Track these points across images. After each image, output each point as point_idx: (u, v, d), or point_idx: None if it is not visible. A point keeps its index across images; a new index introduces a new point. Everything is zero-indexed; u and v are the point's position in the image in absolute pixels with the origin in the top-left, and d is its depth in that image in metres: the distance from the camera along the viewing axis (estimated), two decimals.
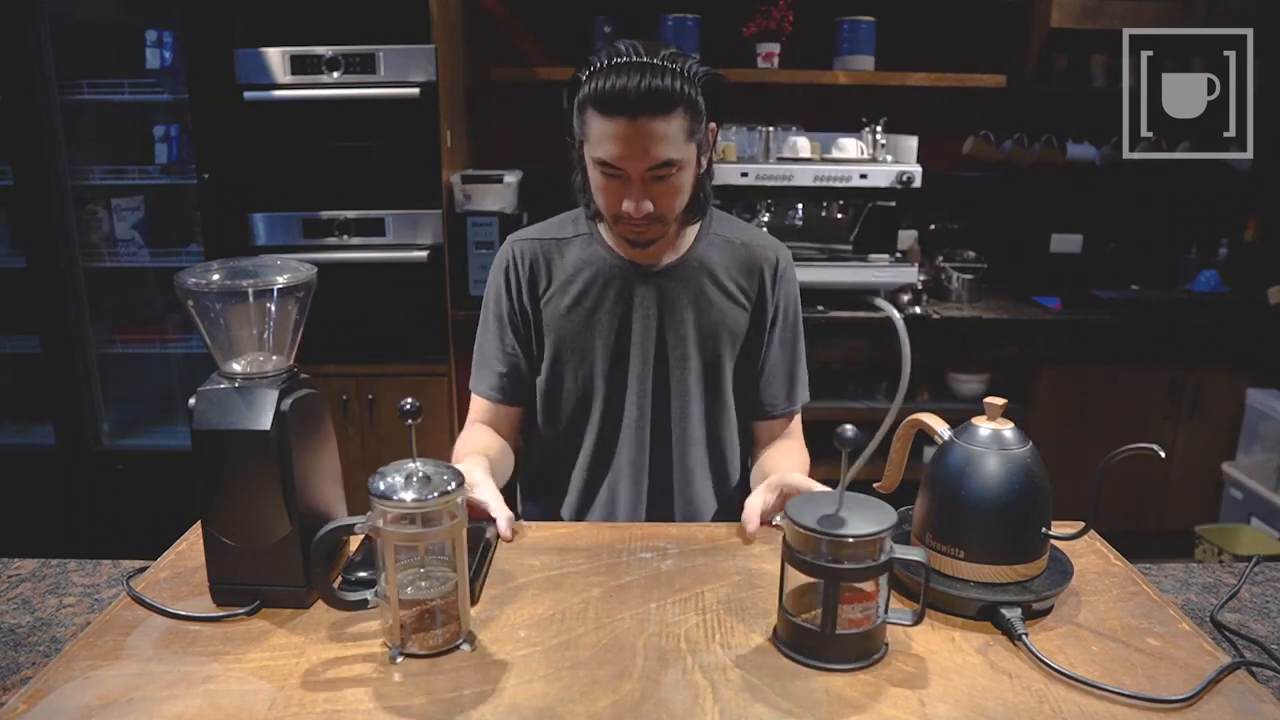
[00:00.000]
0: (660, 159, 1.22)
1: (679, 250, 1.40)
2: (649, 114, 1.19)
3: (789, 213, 3.01)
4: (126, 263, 2.89)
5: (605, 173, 1.25)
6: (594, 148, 1.24)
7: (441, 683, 0.87)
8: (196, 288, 0.94)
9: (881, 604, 0.90)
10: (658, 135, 1.21)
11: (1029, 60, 3.11)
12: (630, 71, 1.18)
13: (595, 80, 1.20)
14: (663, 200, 1.27)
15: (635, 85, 1.17)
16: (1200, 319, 3.07)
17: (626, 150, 1.21)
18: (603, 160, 1.24)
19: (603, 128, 1.21)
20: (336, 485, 1.07)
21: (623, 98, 1.18)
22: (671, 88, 1.19)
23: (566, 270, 1.40)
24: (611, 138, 1.21)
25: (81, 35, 2.80)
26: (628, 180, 1.25)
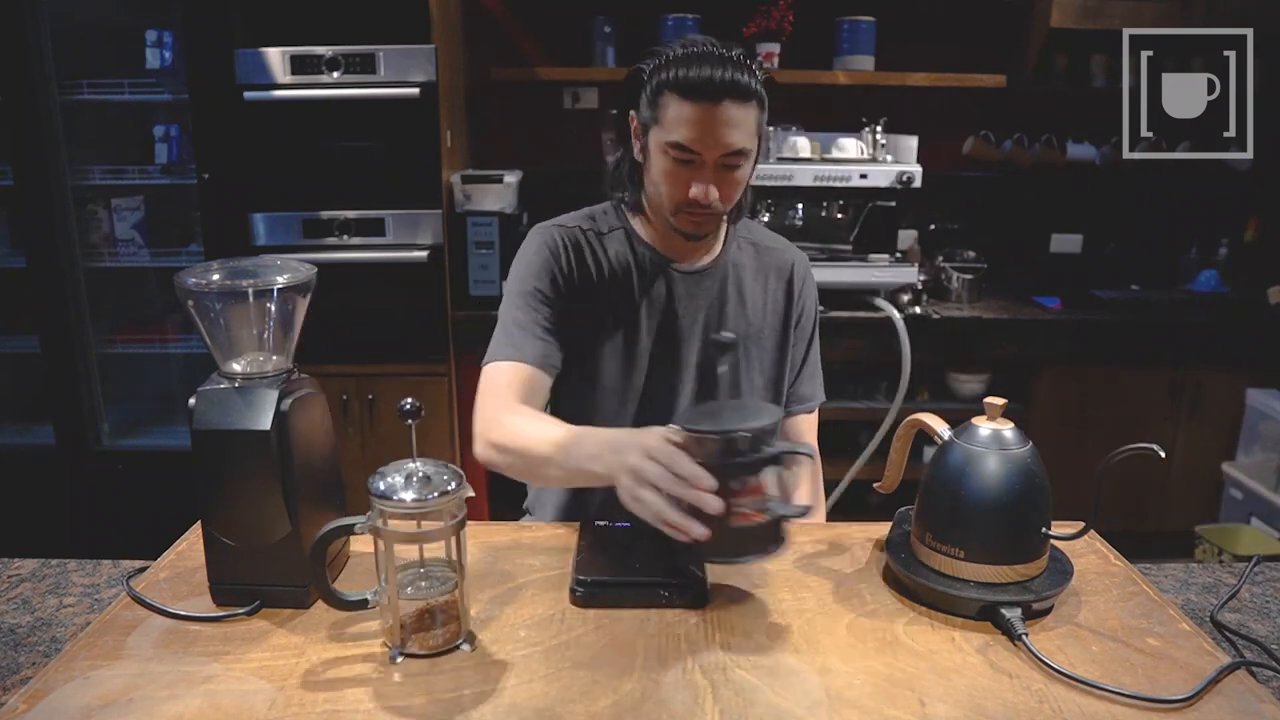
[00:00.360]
0: (735, 146, 1.24)
1: (712, 253, 1.41)
2: (730, 100, 1.22)
3: (789, 213, 3.01)
4: (126, 263, 2.89)
5: (679, 158, 1.26)
6: (670, 131, 1.25)
7: (441, 683, 0.87)
8: (196, 288, 0.94)
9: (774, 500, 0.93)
10: (736, 122, 1.23)
11: (1029, 60, 3.11)
12: (714, 61, 1.22)
13: (676, 67, 1.23)
14: (726, 190, 1.28)
15: (720, 74, 1.21)
16: (1200, 319, 3.08)
17: (707, 134, 1.23)
18: (679, 144, 1.24)
19: (684, 111, 1.23)
20: (336, 485, 1.07)
21: (710, 83, 1.21)
22: (749, 80, 1.23)
23: (605, 264, 1.38)
24: (691, 121, 1.23)
25: (81, 35, 2.80)
26: (700, 166, 1.26)
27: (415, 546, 0.95)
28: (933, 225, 3.37)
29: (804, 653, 0.92)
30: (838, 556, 1.13)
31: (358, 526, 0.89)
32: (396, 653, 0.90)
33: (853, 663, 0.90)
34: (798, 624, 0.97)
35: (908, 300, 3.01)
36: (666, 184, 1.29)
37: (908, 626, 0.97)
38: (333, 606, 0.92)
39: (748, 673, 0.88)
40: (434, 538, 0.90)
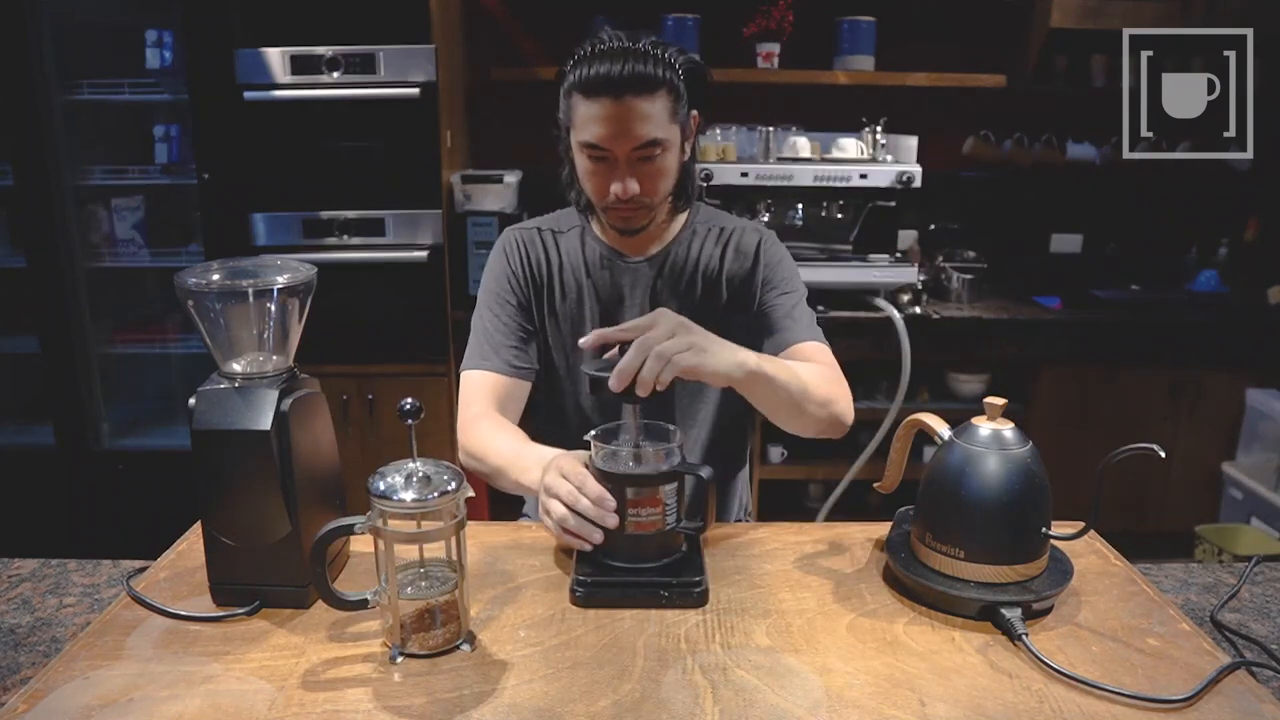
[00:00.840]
0: (645, 138, 1.25)
1: (664, 240, 1.42)
2: (632, 94, 1.23)
3: (789, 213, 3.01)
4: (126, 263, 2.89)
5: (592, 156, 1.28)
6: (580, 131, 1.27)
7: (441, 683, 0.87)
8: (196, 288, 0.94)
9: (670, 512, 1.03)
10: (641, 114, 1.24)
11: (1029, 60, 3.11)
12: (613, 56, 1.23)
13: (580, 67, 1.24)
14: (648, 182, 1.29)
15: (619, 68, 1.22)
16: (1200, 319, 3.08)
17: (612, 130, 1.24)
18: (589, 143, 1.26)
19: (588, 110, 1.24)
20: (336, 485, 1.07)
21: (607, 79, 1.22)
22: (653, 70, 1.23)
23: (560, 263, 1.42)
24: (597, 119, 1.24)
25: (81, 35, 2.80)
26: (614, 163, 1.27)
27: (415, 546, 0.95)
28: (933, 225, 3.37)
29: (804, 653, 0.92)
30: (838, 556, 1.13)
31: (358, 526, 0.89)
32: (396, 653, 0.90)
33: (853, 663, 0.90)
34: (798, 624, 0.97)
35: (908, 300, 3.01)
36: (588, 183, 1.31)
37: (908, 626, 0.97)
38: (333, 606, 0.92)
39: (748, 673, 0.88)
40: (434, 538, 0.90)
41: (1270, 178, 3.22)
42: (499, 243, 1.46)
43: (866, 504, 3.01)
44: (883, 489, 1.17)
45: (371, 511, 0.88)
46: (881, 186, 2.89)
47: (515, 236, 1.45)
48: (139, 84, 2.73)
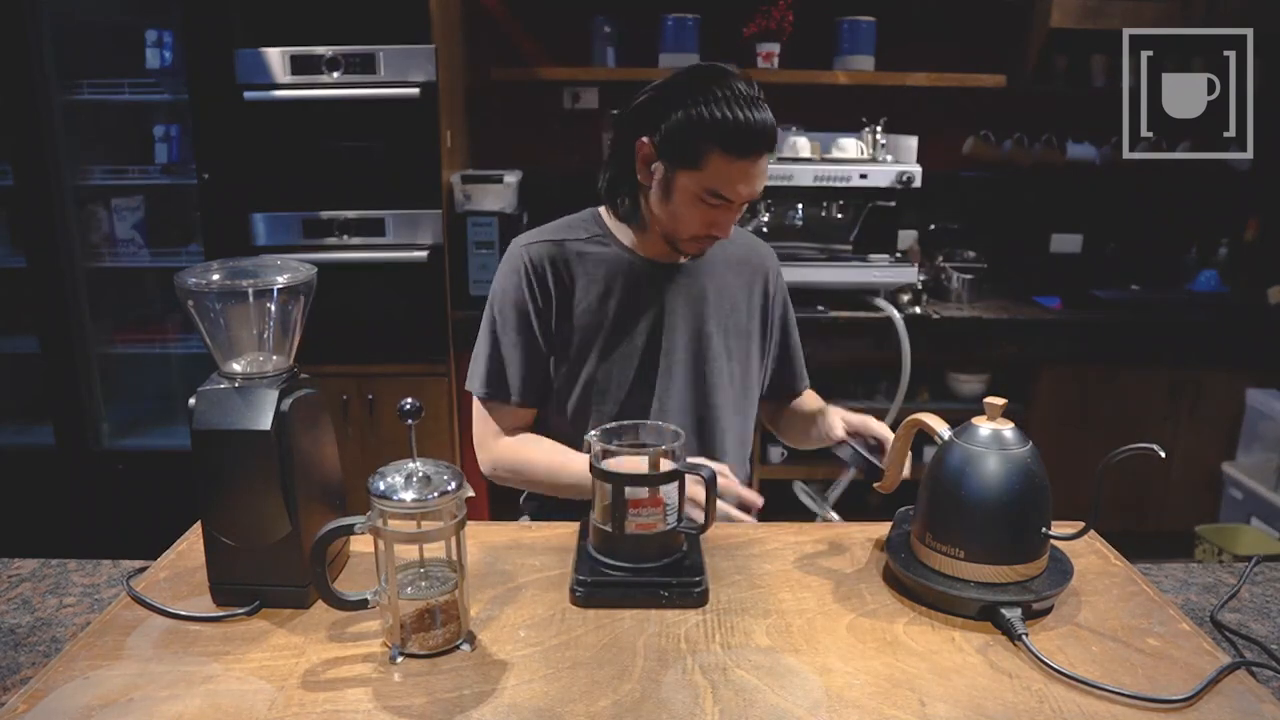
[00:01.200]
0: (761, 191, 1.31)
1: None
2: (769, 152, 1.28)
3: (789, 213, 3.01)
4: (126, 263, 2.89)
5: (712, 203, 1.29)
6: (710, 180, 1.27)
7: (441, 683, 0.87)
8: (196, 288, 0.94)
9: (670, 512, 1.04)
10: (765, 171, 1.30)
11: (1029, 60, 3.11)
12: (755, 109, 1.25)
13: (722, 110, 1.24)
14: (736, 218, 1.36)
15: (762, 126, 1.25)
16: (1200, 319, 3.08)
17: (749, 185, 1.28)
18: (717, 193, 1.27)
19: (729, 165, 1.26)
20: (336, 485, 1.07)
21: (759, 138, 1.25)
22: (775, 125, 1.28)
23: (588, 272, 1.41)
24: (740, 176, 1.27)
25: (81, 35, 2.80)
26: (729, 209, 1.31)
27: (415, 546, 0.95)
28: (933, 225, 3.37)
29: (804, 653, 0.92)
30: (838, 556, 1.13)
31: (358, 526, 0.89)
32: (396, 653, 0.90)
33: (853, 663, 0.90)
34: (798, 624, 0.97)
35: (908, 300, 3.01)
36: (692, 220, 1.32)
37: (908, 626, 0.97)
38: (332, 606, 0.92)
39: (748, 673, 0.88)
40: (434, 538, 0.90)
41: (1270, 178, 3.22)
42: (511, 260, 1.41)
43: (866, 504, 3.01)
44: (883, 489, 1.17)
45: (371, 511, 0.88)
46: (881, 186, 2.89)
47: (528, 255, 1.40)
48: (139, 84, 2.73)
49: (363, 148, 2.74)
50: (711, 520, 1.06)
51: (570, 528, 1.18)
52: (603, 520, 1.04)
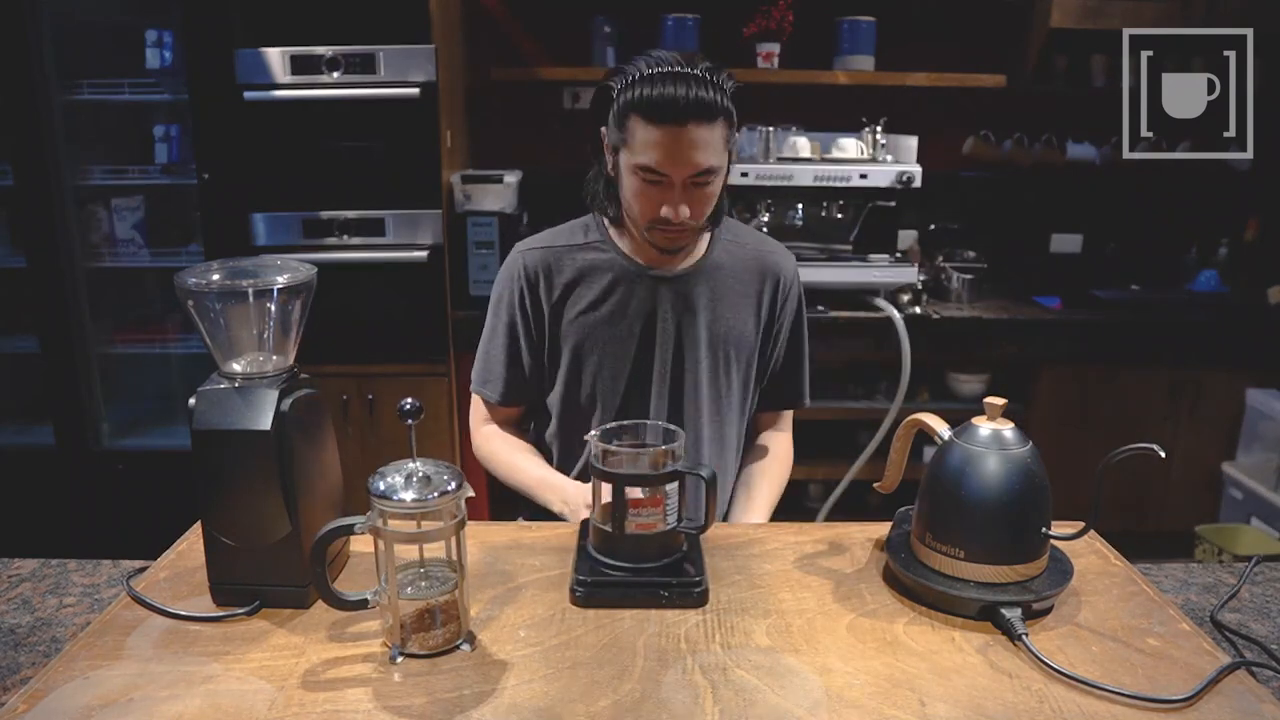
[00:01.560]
0: (703, 166, 1.26)
1: (694, 255, 1.43)
2: (695, 121, 1.23)
3: (789, 213, 3.01)
4: (126, 263, 2.89)
5: (647, 179, 1.28)
6: (638, 154, 1.26)
7: (441, 683, 0.87)
8: (196, 288, 0.94)
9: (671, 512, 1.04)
10: (703, 143, 1.24)
11: (1029, 60, 3.11)
12: (678, 81, 1.22)
13: (641, 88, 1.23)
14: (698, 207, 1.30)
15: (684, 94, 1.21)
16: (1200, 319, 3.08)
17: (674, 157, 1.24)
18: (647, 167, 1.26)
19: (649, 135, 1.24)
20: (336, 485, 1.07)
21: (673, 105, 1.21)
22: (713, 98, 1.23)
23: (584, 277, 1.42)
24: (659, 145, 1.24)
25: (81, 35, 2.80)
26: (669, 187, 1.27)
27: (415, 546, 0.95)
28: (933, 225, 3.37)
29: (804, 653, 0.92)
30: (838, 556, 1.13)
31: (357, 526, 0.89)
32: (397, 653, 0.90)
33: (853, 663, 0.90)
34: (798, 624, 0.97)
35: (908, 300, 3.01)
36: (638, 204, 1.31)
37: (908, 626, 0.97)
38: (333, 606, 0.92)
39: (748, 673, 0.88)
40: (434, 538, 0.90)
41: (1270, 178, 3.22)
42: (509, 266, 1.45)
43: (866, 504, 3.01)
44: (883, 489, 1.17)
45: (371, 511, 0.88)
46: (881, 186, 2.89)
47: (524, 261, 1.43)
48: (139, 84, 2.73)
49: (363, 148, 2.74)
50: (712, 520, 1.06)
51: (570, 528, 1.18)
52: (603, 520, 1.04)
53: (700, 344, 1.42)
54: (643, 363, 1.42)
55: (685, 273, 1.42)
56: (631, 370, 1.42)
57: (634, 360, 1.42)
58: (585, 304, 1.41)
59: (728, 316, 1.43)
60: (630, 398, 1.43)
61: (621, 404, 1.43)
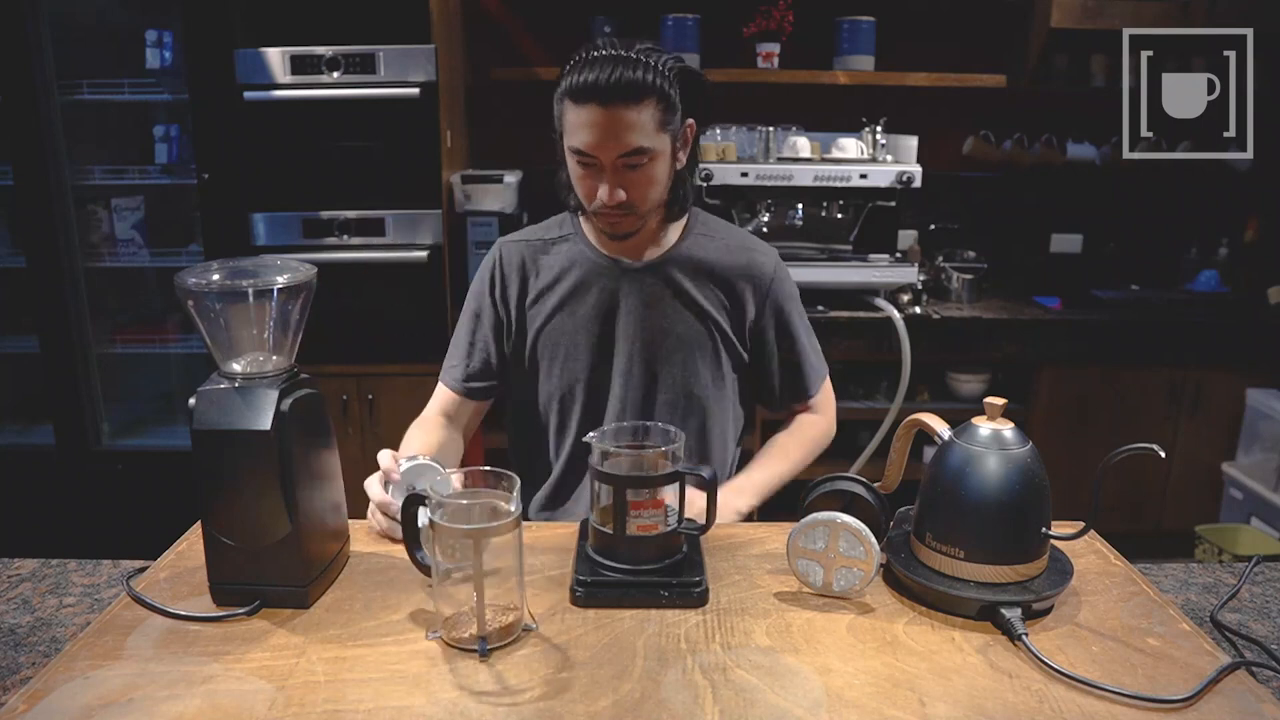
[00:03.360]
0: (630, 146, 1.26)
1: (662, 247, 1.43)
2: (619, 102, 1.24)
3: (789, 213, 3.01)
4: (126, 263, 2.89)
5: (581, 161, 1.30)
6: (570, 136, 1.29)
7: (441, 683, 0.87)
8: (196, 288, 0.94)
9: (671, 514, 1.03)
10: (628, 123, 1.25)
11: (1029, 60, 3.11)
12: (603, 64, 1.24)
13: (572, 74, 1.26)
14: (635, 190, 1.30)
15: (607, 75, 1.23)
16: (1200, 319, 3.07)
17: (598, 137, 1.26)
18: (577, 149, 1.28)
19: (576, 116, 1.26)
20: (336, 485, 1.07)
21: (595, 87, 1.23)
22: (641, 78, 1.24)
23: (553, 270, 1.43)
24: (584, 125, 1.26)
25: (81, 35, 2.80)
26: (601, 169, 1.29)
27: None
28: (933, 225, 3.37)
29: (804, 653, 0.92)
30: None
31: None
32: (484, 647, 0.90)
33: (853, 663, 0.90)
34: (798, 624, 0.97)
35: (908, 300, 3.01)
36: (579, 188, 1.34)
37: (908, 626, 0.97)
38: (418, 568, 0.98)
39: (748, 673, 0.88)
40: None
41: (1270, 178, 3.22)
42: (488, 256, 1.48)
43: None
44: (883, 489, 1.16)
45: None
46: (881, 186, 2.89)
47: (500, 253, 1.47)
48: (139, 84, 2.73)
49: (363, 148, 2.74)
50: (712, 521, 1.06)
51: (570, 528, 1.18)
52: (602, 522, 1.04)
53: (668, 336, 1.41)
54: (604, 355, 1.42)
55: (651, 264, 1.41)
56: (594, 364, 1.42)
57: (595, 353, 1.42)
58: (556, 298, 1.43)
59: (696, 308, 1.41)
60: (595, 393, 1.43)
61: (588, 400, 1.43)
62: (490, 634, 0.91)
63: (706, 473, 1.03)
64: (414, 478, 1.12)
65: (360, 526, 1.16)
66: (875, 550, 0.99)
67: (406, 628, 0.96)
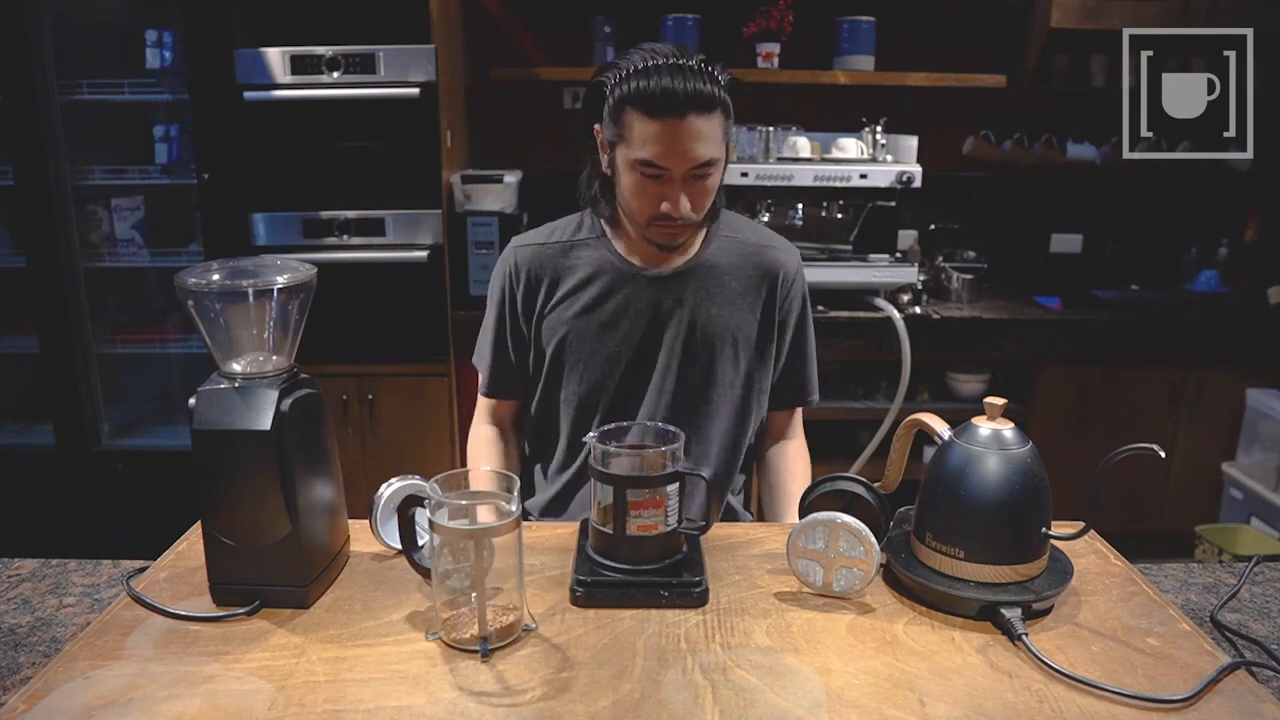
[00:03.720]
0: (703, 158, 1.25)
1: (688, 253, 1.41)
2: (694, 113, 1.22)
3: (789, 213, 3.01)
4: (126, 263, 2.89)
5: (647, 174, 1.27)
6: (636, 149, 1.25)
7: (441, 683, 0.87)
8: (196, 288, 0.94)
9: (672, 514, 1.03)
10: (702, 135, 1.23)
11: (1029, 60, 3.11)
12: (675, 73, 1.21)
13: (637, 80, 1.22)
14: (698, 200, 1.29)
15: (682, 86, 1.21)
16: (1200, 319, 3.08)
17: (673, 150, 1.23)
18: (647, 161, 1.25)
19: (649, 128, 1.23)
20: (336, 485, 1.07)
21: (671, 98, 1.21)
22: (711, 90, 1.23)
23: (576, 275, 1.41)
24: (658, 138, 1.23)
25: (81, 35, 2.80)
26: (669, 181, 1.26)
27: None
28: (933, 225, 3.37)
29: (804, 653, 0.92)
30: None
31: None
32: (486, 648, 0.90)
33: (853, 663, 0.90)
34: (798, 624, 0.97)
35: (908, 300, 3.01)
36: (637, 200, 1.30)
37: (908, 626, 0.97)
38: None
39: (748, 673, 0.88)
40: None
41: (1270, 178, 3.22)
42: (502, 261, 1.45)
43: None
44: (883, 489, 1.16)
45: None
46: (881, 186, 2.89)
47: (515, 258, 1.43)
48: (139, 84, 2.73)
49: (363, 148, 2.74)
50: (714, 521, 1.06)
51: (570, 528, 1.18)
52: (602, 522, 1.04)
53: (696, 344, 1.40)
54: (636, 365, 1.41)
55: (678, 271, 1.40)
56: (625, 373, 1.41)
57: (626, 363, 1.40)
58: (574, 305, 1.40)
59: (724, 315, 1.41)
60: (623, 401, 1.42)
61: (614, 407, 1.42)
62: (490, 634, 0.91)
63: (707, 473, 1.03)
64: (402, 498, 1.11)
65: (360, 526, 1.16)
66: (875, 550, 0.99)
67: (406, 628, 0.96)
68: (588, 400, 1.42)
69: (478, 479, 1.03)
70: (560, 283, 1.41)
